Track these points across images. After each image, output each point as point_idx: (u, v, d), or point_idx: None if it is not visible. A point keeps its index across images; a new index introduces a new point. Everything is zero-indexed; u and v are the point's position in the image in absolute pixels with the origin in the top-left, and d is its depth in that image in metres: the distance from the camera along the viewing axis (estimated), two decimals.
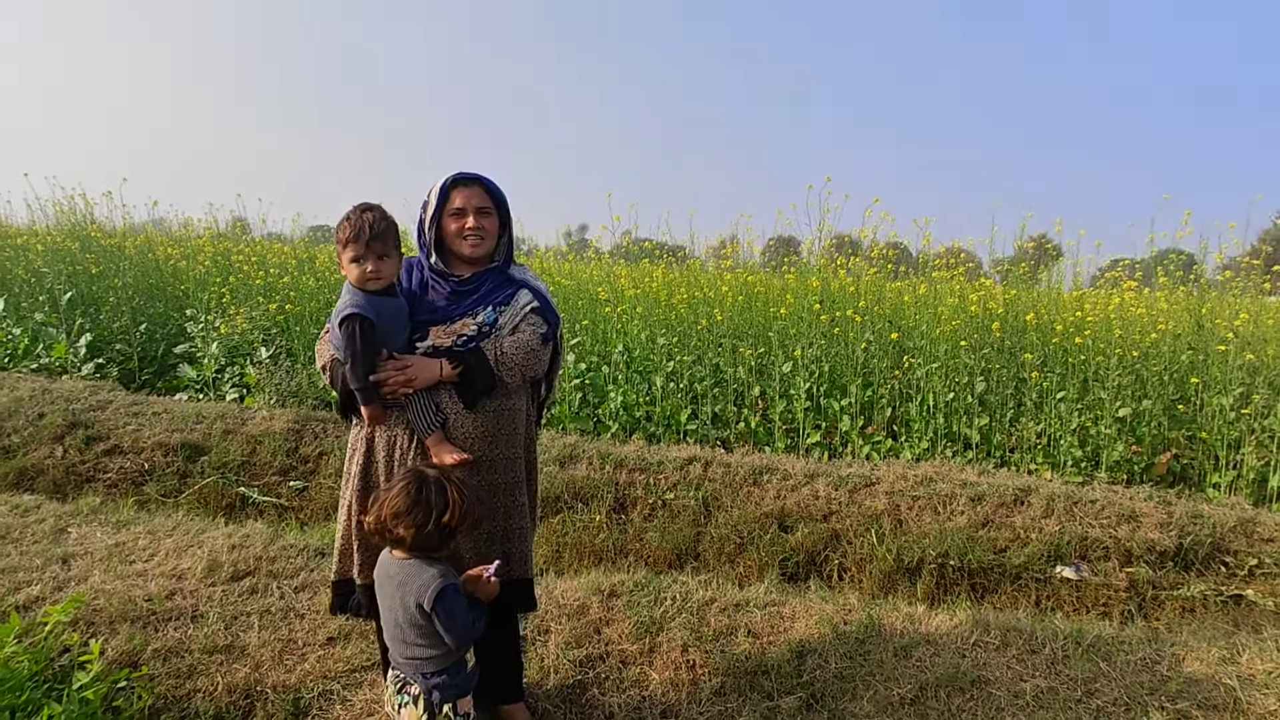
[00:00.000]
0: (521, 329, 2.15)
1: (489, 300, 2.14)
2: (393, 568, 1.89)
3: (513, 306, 2.16)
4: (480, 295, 2.14)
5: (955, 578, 3.87)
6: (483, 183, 2.15)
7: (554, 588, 3.02)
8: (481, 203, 2.13)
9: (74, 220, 8.49)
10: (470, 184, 2.13)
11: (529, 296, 2.19)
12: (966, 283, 6.00)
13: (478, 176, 2.15)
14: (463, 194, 2.12)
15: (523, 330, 2.14)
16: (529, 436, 2.26)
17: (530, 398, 2.27)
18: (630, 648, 2.62)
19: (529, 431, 2.26)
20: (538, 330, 2.16)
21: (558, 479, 4.45)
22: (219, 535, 3.30)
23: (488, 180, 2.16)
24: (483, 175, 2.16)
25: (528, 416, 2.25)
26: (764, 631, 2.69)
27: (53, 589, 2.78)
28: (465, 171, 2.14)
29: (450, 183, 2.12)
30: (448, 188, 2.12)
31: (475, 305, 2.13)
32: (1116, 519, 4.04)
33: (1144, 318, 5.51)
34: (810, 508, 4.26)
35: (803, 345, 5.51)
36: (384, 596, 1.91)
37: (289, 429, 5.00)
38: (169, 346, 6.80)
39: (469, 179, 2.14)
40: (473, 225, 2.10)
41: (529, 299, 2.18)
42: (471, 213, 2.10)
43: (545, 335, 2.18)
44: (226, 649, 2.51)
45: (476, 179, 2.14)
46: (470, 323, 2.11)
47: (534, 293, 2.20)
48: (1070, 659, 2.53)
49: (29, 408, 5.21)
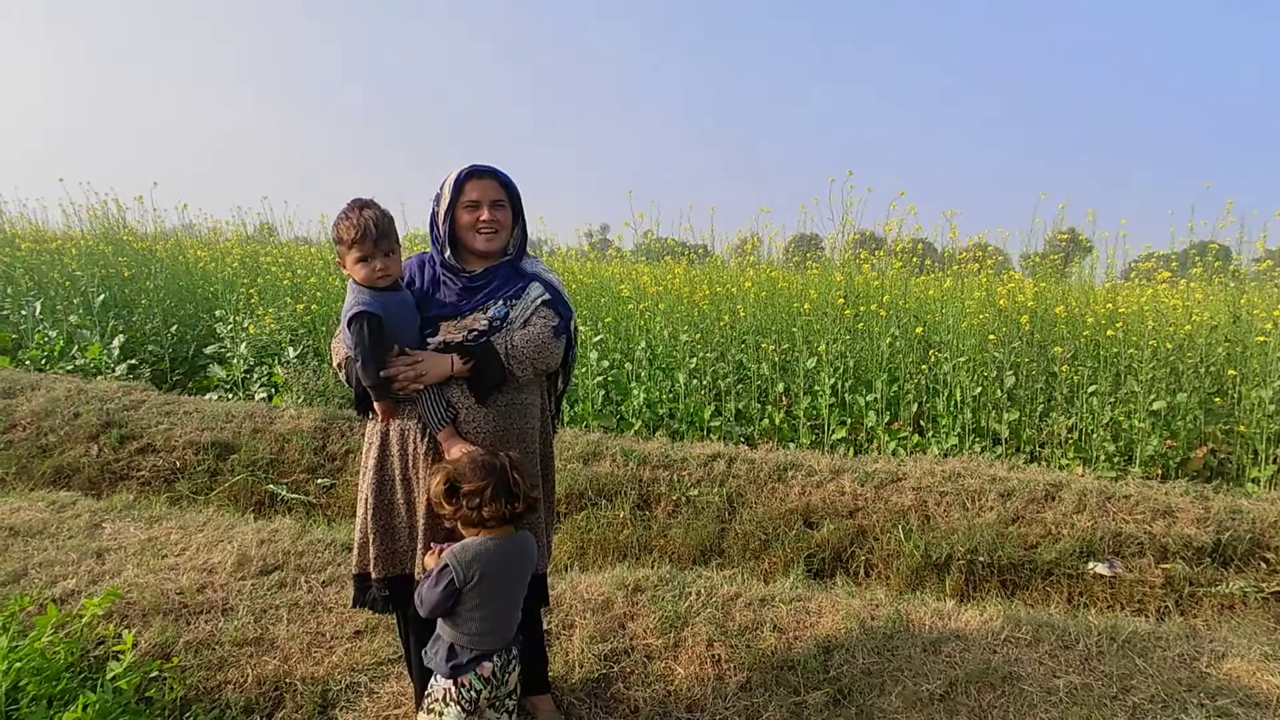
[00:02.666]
0: (533, 322, 2.13)
1: (500, 294, 2.14)
2: (506, 546, 1.93)
3: (524, 300, 2.15)
4: (491, 289, 2.14)
5: (985, 574, 3.81)
6: (496, 175, 2.15)
7: (578, 583, 3.02)
8: (495, 195, 2.13)
9: (107, 224, 8.67)
10: (484, 176, 2.13)
11: (540, 289, 2.17)
12: (994, 276, 5.90)
13: (491, 169, 2.15)
14: (477, 186, 2.11)
15: (534, 323, 2.13)
16: (544, 431, 2.25)
17: (545, 391, 2.26)
18: (655, 642, 2.61)
19: (544, 426, 2.25)
20: (549, 323, 2.15)
21: (581, 476, 4.45)
22: (248, 531, 3.35)
23: (501, 172, 2.17)
24: (496, 167, 2.16)
25: (543, 410, 2.24)
26: (790, 627, 2.67)
27: (88, 582, 2.84)
28: (479, 164, 2.14)
29: (464, 175, 2.12)
30: (462, 180, 2.12)
31: (486, 300, 2.13)
32: (1151, 514, 3.95)
33: (1178, 309, 5.38)
34: (836, 504, 4.22)
35: (827, 340, 5.46)
36: (501, 581, 1.93)
37: (316, 427, 5.06)
38: (199, 347, 6.92)
39: (483, 171, 2.13)
40: (487, 218, 2.10)
41: (540, 292, 2.17)
42: (486, 205, 2.10)
43: (557, 328, 2.16)
44: (256, 641, 2.54)
45: (490, 171, 2.14)
46: (481, 317, 2.10)
47: (545, 285, 2.19)
48: (1105, 655, 2.47)
49: (65, 407, 5.32)
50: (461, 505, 1.86)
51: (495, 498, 1.86)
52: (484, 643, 1.93)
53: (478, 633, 1.92)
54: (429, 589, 1.88)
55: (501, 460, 1.91)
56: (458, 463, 1.91)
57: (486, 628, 1.92)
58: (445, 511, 1.89)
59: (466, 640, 1.92)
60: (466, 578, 1.87)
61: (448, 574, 1.87)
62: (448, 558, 1.89)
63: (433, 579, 1.89)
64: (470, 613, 1.90)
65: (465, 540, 1.92)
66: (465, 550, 1.89)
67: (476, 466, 1.88)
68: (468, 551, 1.89)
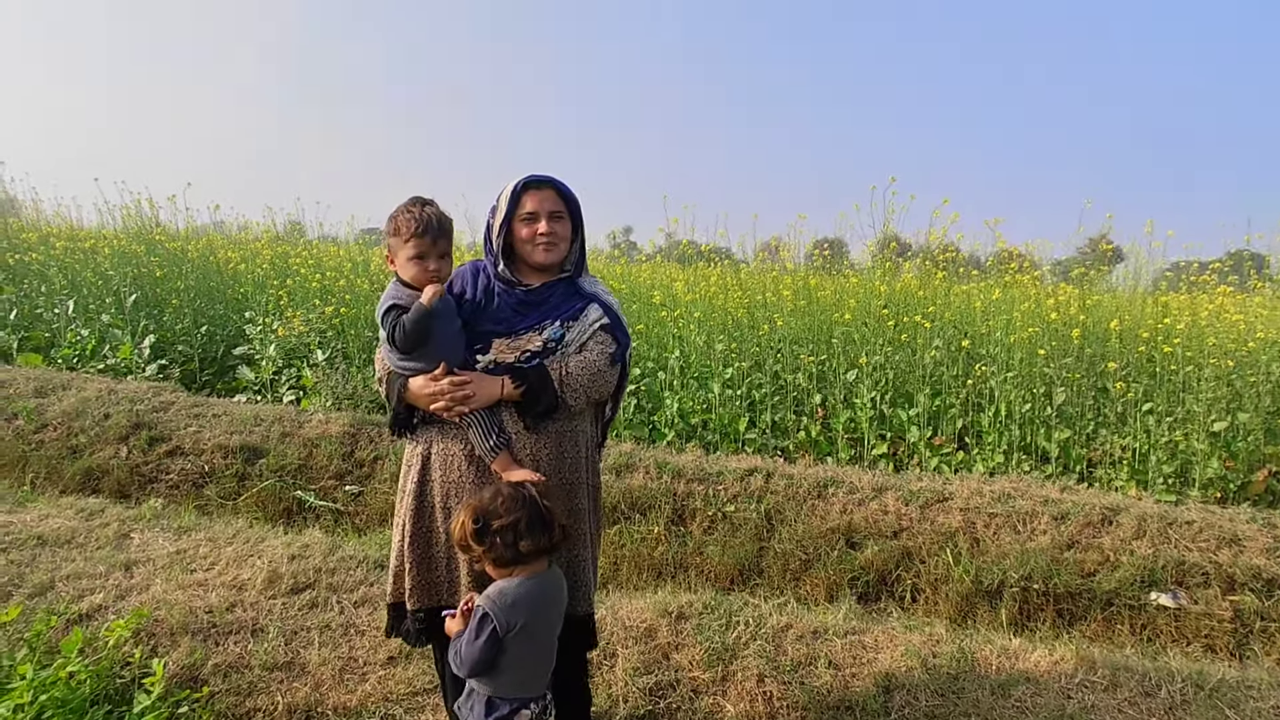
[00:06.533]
0: (589, 347, 2.00)
1: (556, 314, 2.00)
2: (545, 585, 1.79)
3: (581, 322, 2.01)
4: (548, 308, 2.01)
5: (1039, 603, 3.63)
6: (555, 185, 2.02)
7: (619, 607, 2.89)
8: (554, 206, 2.00)
9: (140, 224, 8.69)
10: (543, 186, 2.00)
11: (599, 312, 2.04)
12: (1042, 287, 5.70)
13: (550, 179, 2.02)
14: (535, 197, 1.99)
15: (590, 349, 2.00)
16: (591, 460, 2.11)
17: (593, 418, 2.13)
18: (702, 676, 2.47)
19: (591, 455, 2.11)
20: (606, 350, 2.02)
21: (614, 488, 4.32)
22: (278, 544, 3.26)
23: (560, 183, 2.03)
24: (555, 178, 2.03)
25: (590, 439, 2.10)
26: (845, 663, 2.52)
27: (115, 597, 2.76)
28: (537, 174, 2.01)
29: (521, 186, 1.99)
30: (519, 191, 1.99)
31: (542, 319, 1.99)
32: (1216, 542, 3.75)
33: (1239, 325, 5.15)
34: (879, 523, 4.05)
35: (867, 351, 5.28)
36: (543, 625, 1.79)
37: (345, 432, 4.98)
38: (228, 348, 6.89)
39: (541, 181, 2.00)
40: (545, 230, 1.97)
41: (599, 315, 2.03)
42: (544, 217, 1.97)
43: (614, 355, 2.03)
44: (287, 666, 2.44)
45: (549, 181, 2.01)
46: (536, 338, 1.97)
47: (604, 308, 2.05)
48: (1190, 704, 2.30)
49: (95, 408, 5.29)
50: (496, 543, 1.71)
51: (531, 530, 1.71)
52: (523, 690, 1.78)
53: (517, 681, 1.77)
54: (469, 645, 1.71)
55: (529, 490, 1.77)
56: (481, 499, 1.76)
57: (526, 675, 1.78)
58: (475, 552, 1.74)
59: (506, 691, 1.77)
60: (509, 625, 1.70)
61: (489, 624, 1.69)
62: (486, 605, 1.72)
63: (471, 632, 1.72)
64: (511, 662, 1.74)
65: (500, 584, 1.76)
66: (504, 595, 1.72)
67: (505, 499, 1.73)
68: (507, 596, 1.72)
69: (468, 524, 1.72)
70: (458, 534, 1.75)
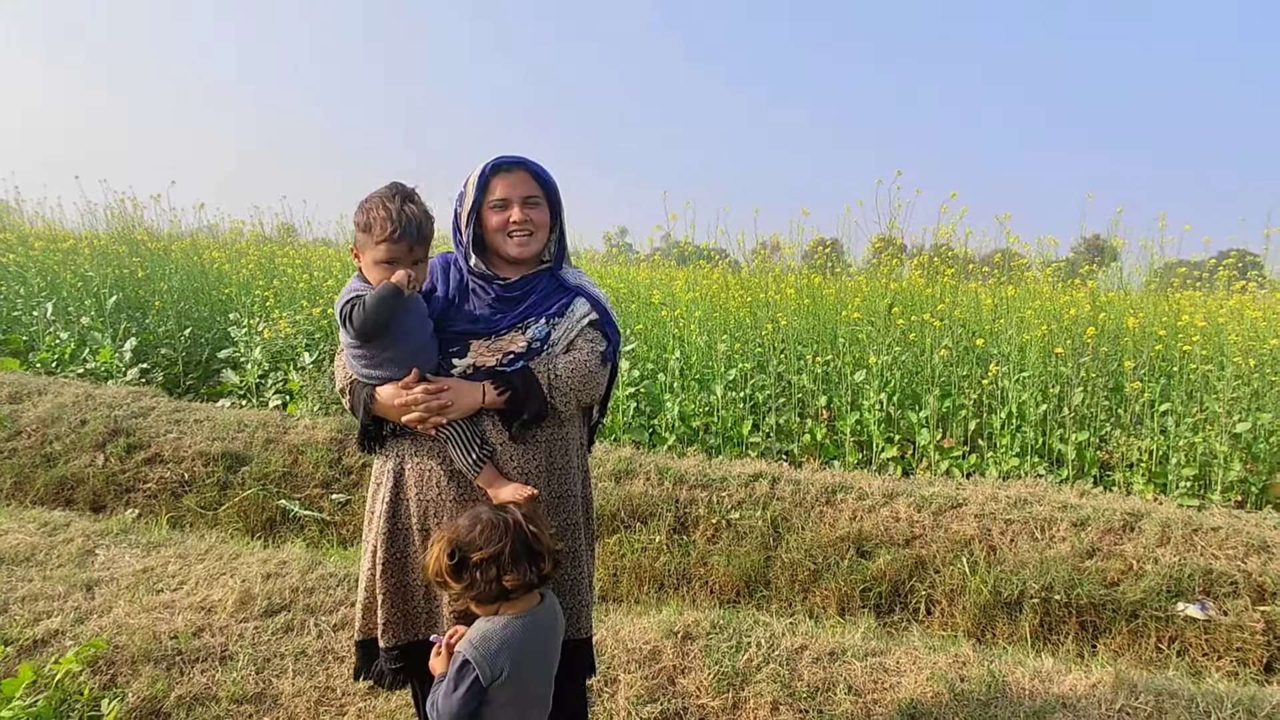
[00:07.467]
0: (578, 346, 1.80)
1: (540, 310, 1.79)
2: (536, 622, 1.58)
3: (568, 318, 1.80)
4: (530, 304, 1.79)
5: (1061, 614, 3.45)
6: (528, 167, 1.78)
7: (619, 627, 2.69)
8: (528, 191, 1.77)
9: (123, 223, 8.48)
10: (514, 169, 1.77)
11: (586, 307, 1.83)
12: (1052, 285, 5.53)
13: (522, 159, 1.78)
14: (505, 182, 1.76)
15: (580, 348, 1.80)
16: (583, 469, 1.90)
17: (581, 422, 1.92)
18: (711, 703, 2.27)
19: (583, 464, 1.90)
20: (596, 348, 1.81)
21: (613, 495, 4.12)
22: (254, 561, 3.05)
23: (534, 164, 1.79)
24: (528, 159, 1.79)
25: (580, 446, 1.90)
26: (867, 688, 2.32)
27: (73, 621, 2.54)
28: (508, 155, 1.78)
29: (490, 169, 1.76)
30: (487, 175, 1.76)
31: (524, 316, 1.77)
32: (1244, 549, 3.57)
33: (1260, 322, 4.97)
34: (891, 531, 3.87)
35: (876, 351, 5.10)
36: (535, 665, 1.58)
37: (331, 439, 4.78)
38: (213, 351, 6.68)
39: (513, 163, 1.77)
40: (518, 219, 1.74)
41: (586, 310, 1.82)
42: (517, 204, 1.74)
43: (605, 354, 1.83)
44: (257, 698, 2.23)
45: (521, 163, 1.77)
46: (519, 338, 1.75)
47: (592, 302, 1.84)
48: None
49: (72, 414, 5.08)
50: (476, 579, 1.49)
51: (516, 562, 1.50)
52: None
53: None
54: (445, 697, 1.50)
55: (513, 514, 1.56)
56: (457, 528, 1.54)
57: (520, 718, 1.57)
58: (454, 590, 1.53)
59: None
60: (494, 673, 1.49)
61: (469, 673, 1.49)
62: (466, 651, 1.51)
63: (450, 682, 1.50)
64: (500, 709, 1.53)
65: (482, 625, 1.55)
66: (487, 640, 1.52)
67: (484, 527, 1.52)
68: (490, 641, 1.52)
69: (443, 558, 1.50)
70: (432, 569, 1.54)
